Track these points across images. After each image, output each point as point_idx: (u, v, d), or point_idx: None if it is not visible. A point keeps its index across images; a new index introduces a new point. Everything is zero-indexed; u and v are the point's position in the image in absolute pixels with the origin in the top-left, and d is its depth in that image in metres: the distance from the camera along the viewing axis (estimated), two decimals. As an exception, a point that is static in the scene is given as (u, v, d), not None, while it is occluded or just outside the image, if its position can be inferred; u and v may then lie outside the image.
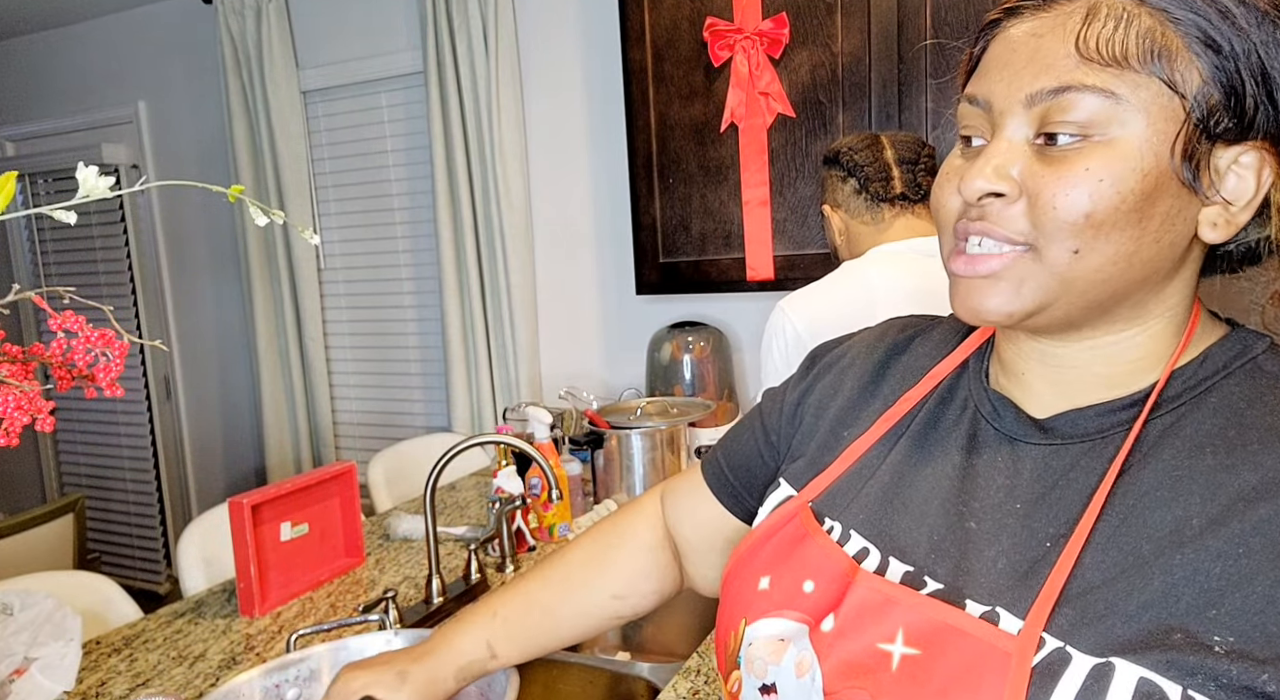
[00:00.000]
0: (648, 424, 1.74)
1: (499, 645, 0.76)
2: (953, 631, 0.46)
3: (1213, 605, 0.41)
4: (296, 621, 1.32)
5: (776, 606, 0.55)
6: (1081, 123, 0.45)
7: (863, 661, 0.49)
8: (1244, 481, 0.44)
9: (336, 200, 2.81)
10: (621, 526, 0.81)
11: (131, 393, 3.28)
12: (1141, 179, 0.45)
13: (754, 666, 0.55)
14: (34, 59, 3.32)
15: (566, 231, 2.47)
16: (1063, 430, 0.51)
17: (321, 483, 1.47)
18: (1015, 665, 0.43)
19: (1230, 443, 0.45)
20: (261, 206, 0.66)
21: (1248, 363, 0.49)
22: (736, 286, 2.01)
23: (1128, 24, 0.45)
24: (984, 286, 0.49)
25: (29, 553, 2.16)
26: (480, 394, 2.53)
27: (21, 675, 1.06)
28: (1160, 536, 0.44)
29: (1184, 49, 0.44)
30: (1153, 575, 0.43)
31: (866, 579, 0.52)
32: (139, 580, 3.37)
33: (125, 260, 3.23)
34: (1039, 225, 0.46)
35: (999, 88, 0.48)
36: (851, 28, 1.80)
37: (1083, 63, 0.45)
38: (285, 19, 2.68)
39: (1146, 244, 0.46)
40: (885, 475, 0.58)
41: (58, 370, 0.64)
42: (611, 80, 2.26)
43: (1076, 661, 0.43)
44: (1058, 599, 0.45)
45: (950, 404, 0.59)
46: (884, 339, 0.67)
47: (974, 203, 0.48)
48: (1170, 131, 0.45)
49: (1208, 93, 0.44)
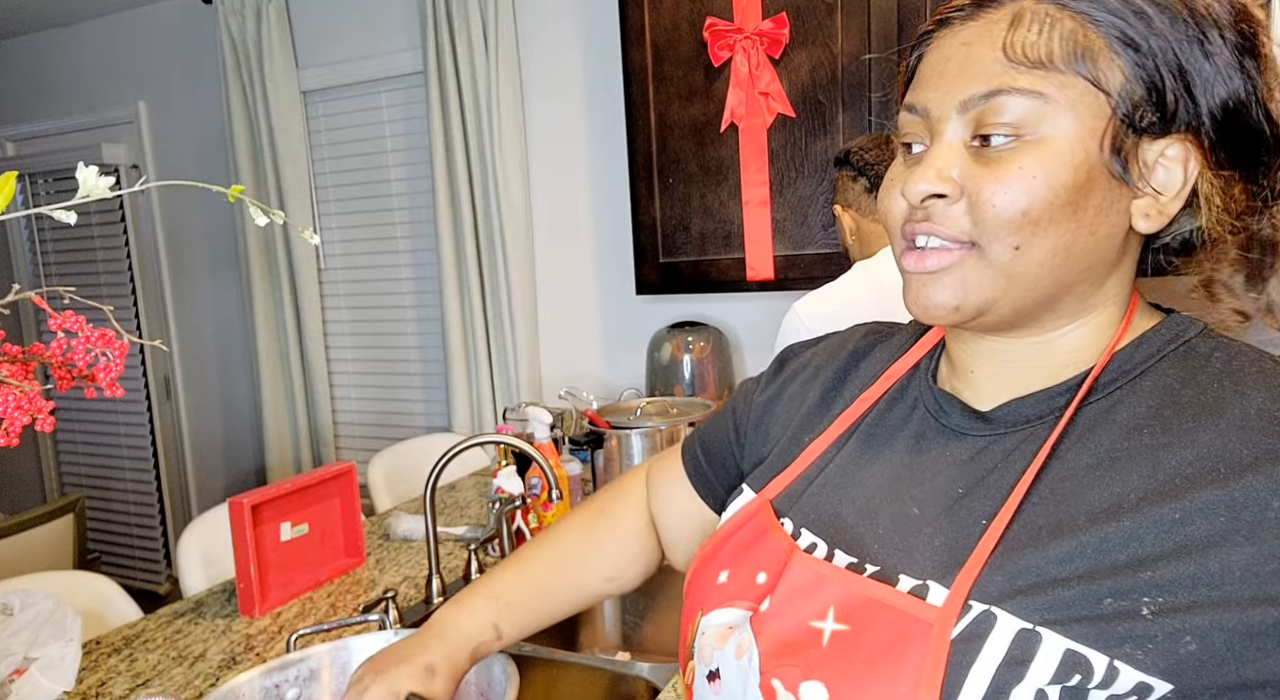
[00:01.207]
0: (648, 424, 1.74)
1: (504, 627, 0.78)
2: (879, 606, 0.48)
3: (1146, 568, 0.43)
4: (296, 621, 1.32)
5: (730, 598, 0.57)
6: (1013, 124, 0.47)
7: (795, 639, 0.50)
8: (1181, 458, 0.45)
9: (336, 200, 2.81)
10: (611, 511, 0.84)
11: (131, 393, 3.28)
12: (1073, 173, 0.47)
13: (703, 654, 0.57)
14: (34, 59, 3.32)
15: (566, 231, 2.47)
16: (1003, 419, 0.53)
17: (321, 483, 1.47)
18: (936, 634, 0.45)
19: (1166, 422, 0.47)
20: (261, 206, 0.66)
21: (1181, 345, 0.50)
22: (736, 286, 2.01)
23: (1051, 28, 0.47)
24: (932, 282, 0.51)
25: (29, 553, 2.16)
26: (480, 394, 2.53)
27: (21, 675, 1.06)
28: (1096, 511, 0.46)
29: (1105, 49, 0.46)
30: (1087, 543, 0.45)
31: (800, 559, 0.54)
32: (139, 580, 3.37)
33: (125, 260, 3.23)
34: (980, 223, 0.48)
35: (935, 95, 0.50)
36: (851, 28, 1.80)
37: (1011, 66, 0.47)
38: (285, 19, 2.68)
39: (1083, 236, 0.48)
40: (834, 473, 0.60)
41: (58, 370, 0.64)
42: (611, 80, 2.26)
43: (1002, 623, 0.44)
44: (984, 566, 0.46)
45: (900, 403, 0.61)
46: (846, 345, 0.69)
47: (918, 205, 0.50)
48: (1098, 127, 0.47)
49: (1130, 89, 0.47)
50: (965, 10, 0.50)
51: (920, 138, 0.52)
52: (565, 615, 0.82)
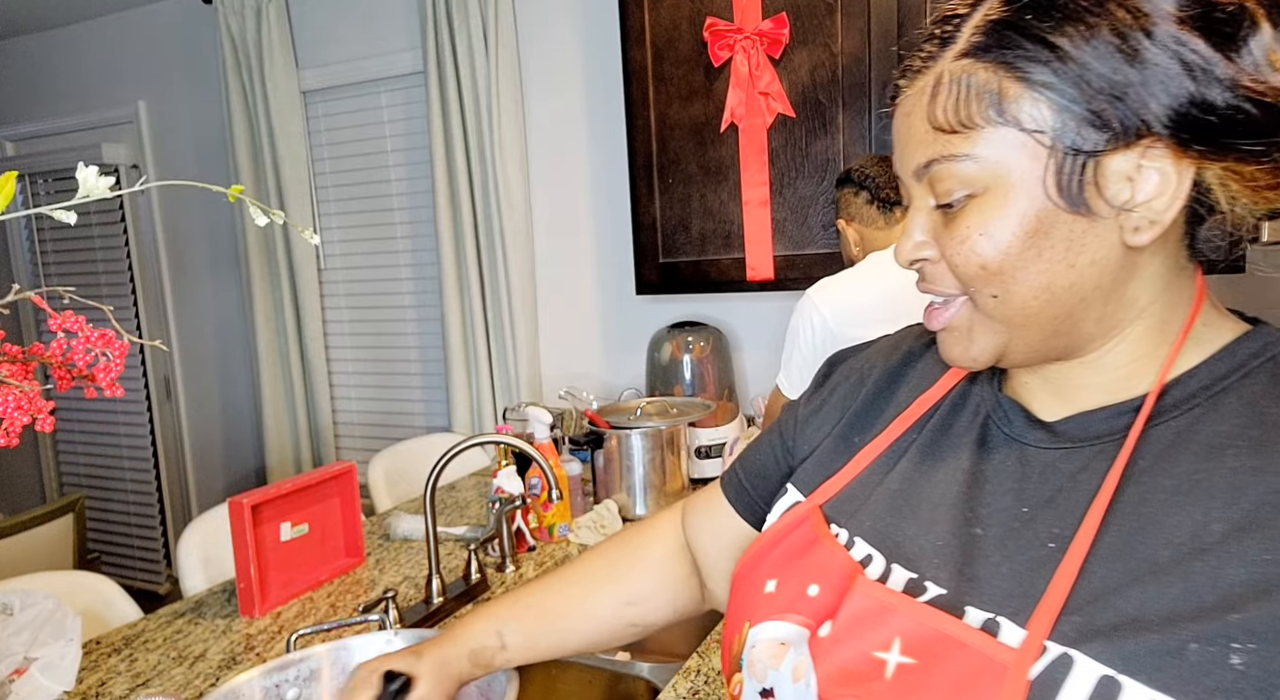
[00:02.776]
0: (648, 424, 1.74)
1: (509, 635, 0.77)
2: (950, 641, 0.45)
3: (1235, 609, 0.39)
4: (296, 621, 1.32)
5: (780, 610, 0.54)
6: (957, 186, 0.49)
7: (858, 669, 0.48)
8: (1270, 484, 0.42)
9: (336, 200, 2.81)
10: (636, 538, 0.82)
11: (131, 393, 3.28)
12: (1019, 221, 0.47)
13: (755, 670, 0.55)
14: (34, 59, 3.32)
15: (566, 231, 2.47)
16: (1071, 433, 0.51)
17: (321, 483, 1.47)
18: (1012, 678, 0.42)
19: (1254, 443, 0.44)
20: (261, 206, 0.66)
21: (1268, 361, 0.47)
22: (736, 286, 2.01)
23: (966, 87, 0.47)
24: (945, 339, 0.54)
25: (29, 553, 2.16)
26: (480, 394, 2.53)
27: (21, 675, 1.06)
28: (1179, 542, 0.43)
29: (1025, 90, 0.46)
30: (1171, 583, 0.42)
31: (865, 585, 0.51)
32: (139, 580, 3.37)
33: (125, 260, 3.23)
34: (959, 279, 0.51)
35: (899, 165, 0.53)
36: (851, 28, 1.80)
37: (939, 135, 0.49)
38: (285, 19, 2.68)
39: (1060, 271, 0.47)
40: (894, 482, 0.57)
41: (58, 370, 0.64)
42: (611, 80, 2.26)
43: (1079, 668, 0.41)
44: (1063, 607, 0.44)
45: (963, 410, 0.58)
46: (900, 346, 0.67)
47: (909, 268, 0.54)
48: (1036, 169, 0.46)
49: (1064, 121, 0.45)
50: (905, 79, 0.52)
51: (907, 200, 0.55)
52: (585, 644, 0.79)
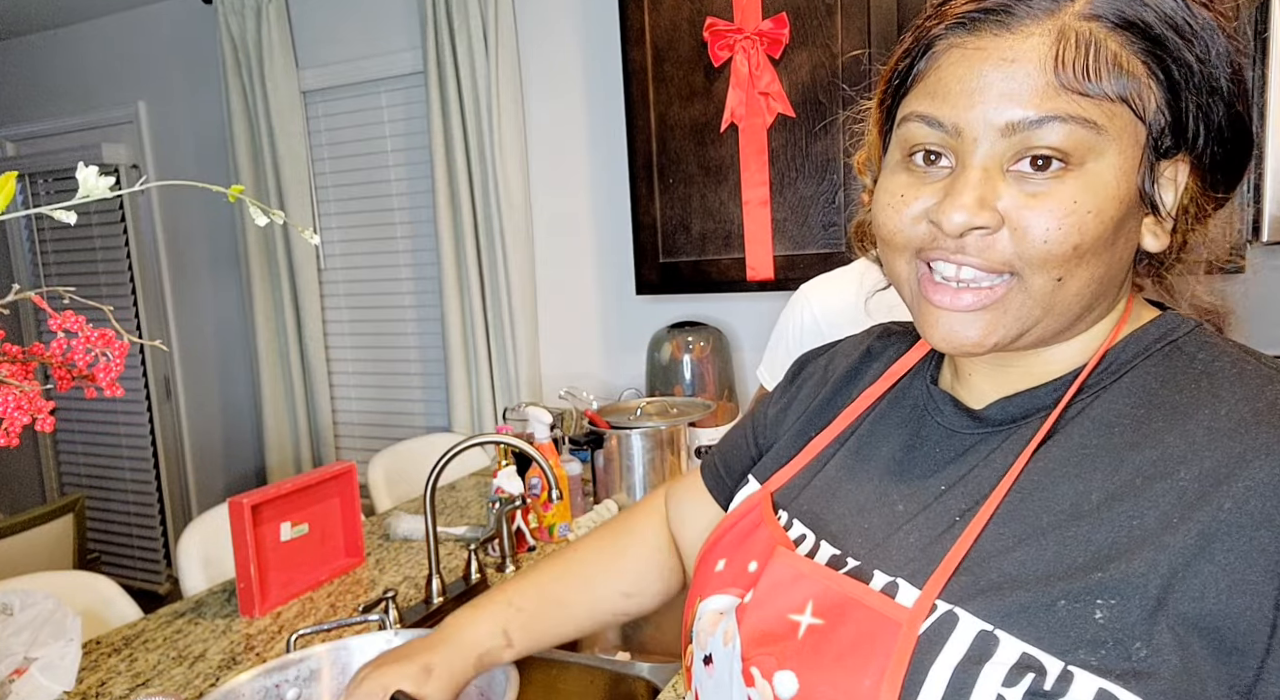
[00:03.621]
0: (648, 424, 1.74)
1: (515, 634, 0.77)
2: (854, 603, 0.49)
3: (1099, 568, 0.43)
4: (296, 621, 1.32)
5: (725, 585, 0.58)
6: (1064, 150, 0.44)
7: (774, 630, 0.51)
8: (1145, 457, 0.45)
9: (336, 200, 2.81)
10: (631, 527, 0.83)
11: (131, 393, 3.28)
12: (1119, 205, 0.46)
13: (700, 639, 0.58)
14: (34, 59, 3.31)
15: (567, 231, 2.47)
16: (993, 417, 0.53)
17: (321, 483, 1.47)
18: (904, 633, 0.45)
19: (1138, 421, 0.47)
20: (261, 206, 0.66)
21: (1168, 345, 0.50)
22: (736, 286, 2.01)
23: (1098, 51, 0.44)
24: (967, 319, 0.49)
25: (29, 553, 2.16)
26: (480, 394, 2.53)
27: (21, 675, 1.06)
28: (1061, 509, 0.46)
29: (1145, 75, 0.45)
30: (1047, 545, 0.45)
31: (783, 555, 0.54)
32: (139, 580, 3.37)
33: (125, 260, 3.23)
34: (1024, 256, 0.46)
35: (970, 114, 0.46)
36: (851, 28, 1.80)
37: (1063, 92, 0.44)
38: (285, 19, 2.68)
39: (1115, 265, 0.49)
40: (832, 470, 0.61)
41: (58, 370, 0.64)
42: (611, 80, 2.26)
43: (963, 624, 0.44)
44: (956, 569, 0.47)
45: (901, 402, 0.61)
46: (859, 346, 0.70)
47: (953, 234, 0.47)
48: (1136, 156, 0.46)
49: (1160, 116, 0.46)
50: (994, 18, 0.46)
51: (942, 148, 0.48)
52: (582, 630, 0.80)
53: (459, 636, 0.76)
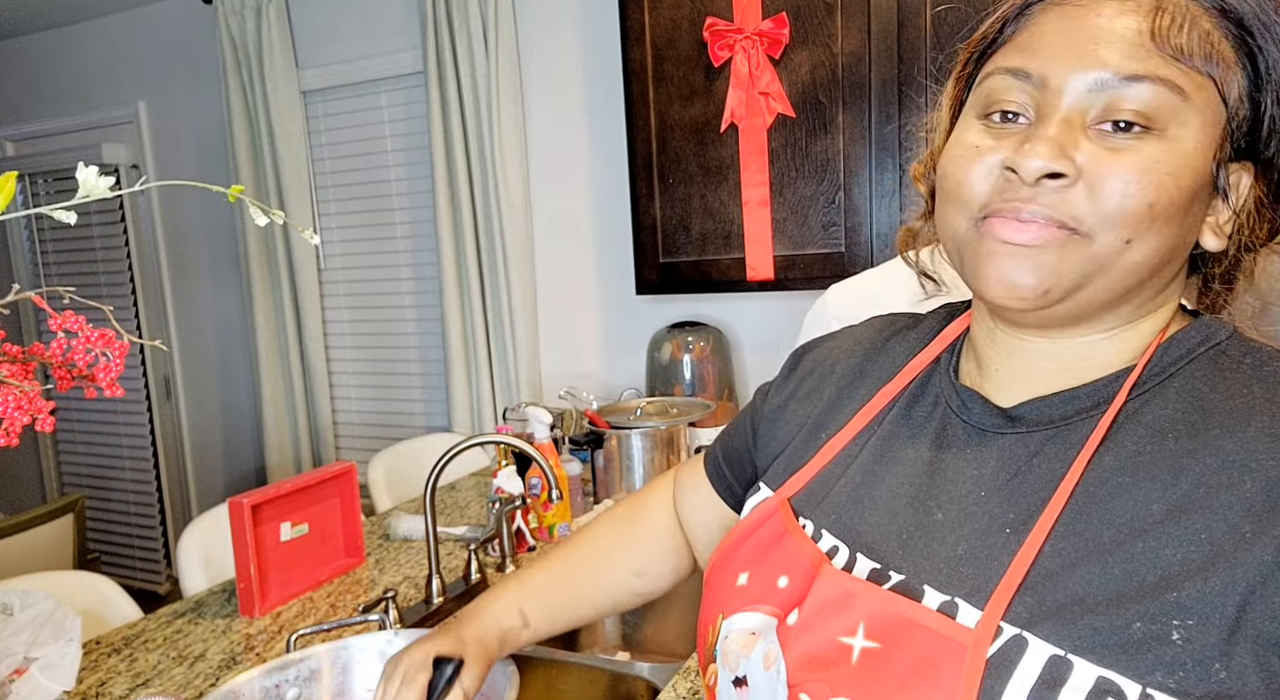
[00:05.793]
0: (648, 424, 1.74)
1: (530, 613, 0.78)
2: (911, 625, 0.47)
3: (1173, 588, 0.41)
4: (296, 621, 1.32)
5: (752, 601, 0.56)
6: (1149, 114, 0.44)
7: (824, 654, 0.49)
8: (1205, 465, 0.44)
9: (336, 200, 2.81)
10: (641, 507, 0.84)
11: (131, 393, 3.28)
12: (1194, 176, 0.45)
13: (728, 659, 0.56)
14: (34, 59, 3.31)
15: (566, 231, 2.47)
16: (1028, 418, 0.52)
17: (321, 483, 1.47)
18: (970, 658, 0.44)
19: (1192, 427, 0.45)
20: (261, 206, 0.66)
21: (1211, 349, 0.49)
22: (736, 286, 2.01)
23: (1192, 24, 0.45)
24: (1026, 260, 0.46)
25: (29, 553, 2.16)
26: (480, 394, 2.53)
27: (21, 675, 1.06)
28: (1121, 523, 0.44)
29: (1233, 61, 0.45)
30: (1113, 563, 0.43)
31: (830, 573, 0.52)
32: (139, 580, 3.37)
33: (125, 260, 3.23)
34: (1099, 212, 0.45)
35: (1059, 66, 0.46)
36: (851, 28, 1.80)
37: (1156, 53, 0.44)
38: (285, 19, 2.68)
39: (1178, 245, 0.47)
40: (856, 474, 0.58)
41: (58, 370, 0.64)
42: (611, 80, 2.26)
43: (1033, 649, 0.43)
44: (1018, 588, 0.45)
45: (921, 400, 0.59)
46: (863, 339, 0.68)
47: (1030, 182, 0.45)
48: (1215, 136, 0.46)
49: (1240, 109, 0.46)
50: None
51: (1023, 107, 0.48)
52: (598, 610, 0.82)
53: (481, 615, 0.78)
